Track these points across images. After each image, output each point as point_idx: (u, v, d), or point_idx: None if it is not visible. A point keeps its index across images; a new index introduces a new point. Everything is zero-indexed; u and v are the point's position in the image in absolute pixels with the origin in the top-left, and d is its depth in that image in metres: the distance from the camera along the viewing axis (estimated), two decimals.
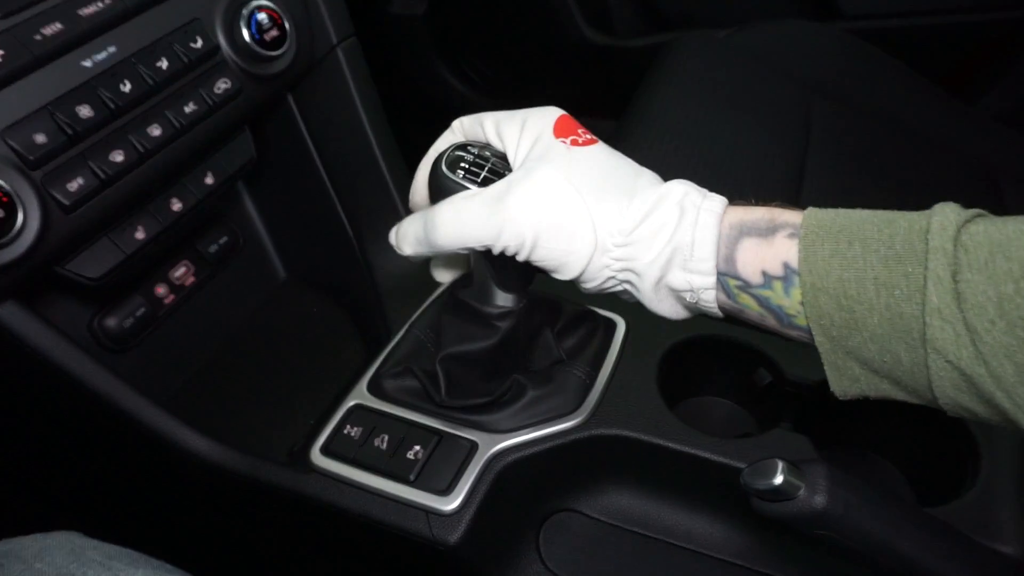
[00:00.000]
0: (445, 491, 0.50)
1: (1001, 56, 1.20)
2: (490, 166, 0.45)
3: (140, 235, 0.56)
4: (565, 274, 0.42)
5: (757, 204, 0.40)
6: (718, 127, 0.92)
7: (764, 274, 0.37)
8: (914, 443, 0.57)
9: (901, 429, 0.57)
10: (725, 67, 1.02)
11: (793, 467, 0.39)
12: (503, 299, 0.50)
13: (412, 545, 0.50)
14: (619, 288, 0.42)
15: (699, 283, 0.39)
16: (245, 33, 0.57)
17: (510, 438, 0.52)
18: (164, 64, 0.53)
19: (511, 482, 0.52)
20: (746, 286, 0.38)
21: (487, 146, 0.47)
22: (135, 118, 0.52)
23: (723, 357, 0.60)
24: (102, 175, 0.49)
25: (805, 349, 0.57)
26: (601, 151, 0.43)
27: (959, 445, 0.53)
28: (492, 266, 0.49)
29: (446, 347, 0.52)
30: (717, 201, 0.40)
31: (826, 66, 1.05)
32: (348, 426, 0.54)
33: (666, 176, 0.43)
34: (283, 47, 0.60)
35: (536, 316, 0.55)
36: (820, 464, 0.39)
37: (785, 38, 1.08)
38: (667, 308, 0.42)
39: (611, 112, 1.10)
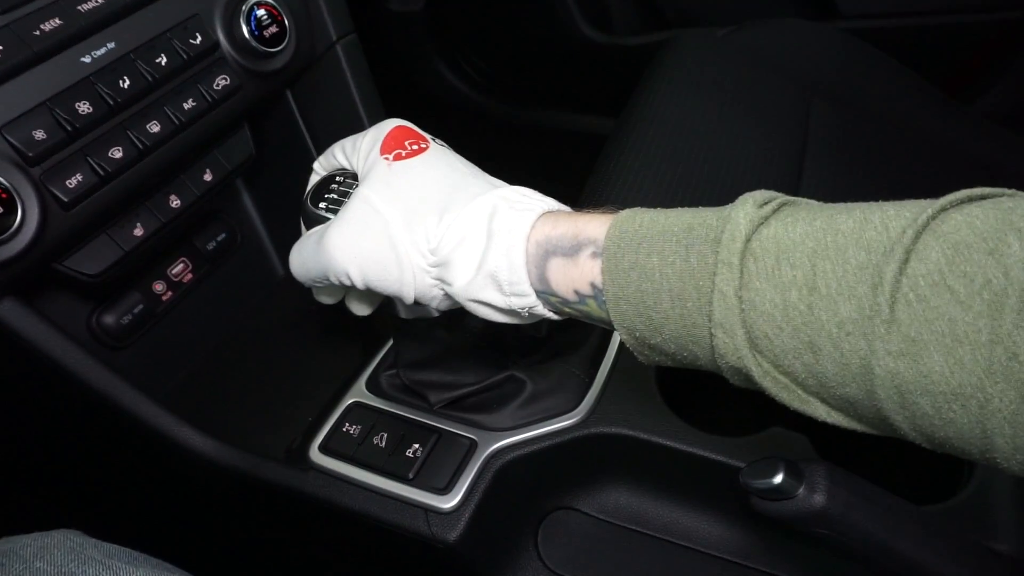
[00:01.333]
0: (444, 489, 0.50)
1: (999, 57, 1.20)
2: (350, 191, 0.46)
3: (139, 232, 0.56)
4: (405, 300, 0.42)
5: (578, 209, 0.39)
6: (716, 125, 0.92)
7: (576, 292, 0.38)
8: (910, 441, 0.57)
9: None
10: (724, 65, 1.02)
11: (792, 466, 0.39)
12: (426, 309, 0.49)
13: (411, 543, 0.50)
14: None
15: (519, 303, 0.39)
16: (244, 29, 0.57)
17: (509, 436, 0.53)
18: (163, 60, 0.53)
19: (510, 480, 0.52)
20: (564, 303, 0.39)
21: (348, 173, 0.48)
22: (134, 114, 0.52)
23: None
24: (101, 171, 0.49)
25: None
26: (425, 162, 0.43)
27: None
28: None
29: (400, 363, 0.55)
30: (527, 217, 0.39)
31: (824, 65, 1.05)
32: (347, 424, 0.54)
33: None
34: (282, 43, 0.59)
35: None
36: (819, 463, 0.40)
37: (783, 37, 1.08)
38: (502, 318, 0.41)
39: (609, 110, 1.10)
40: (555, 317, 0.41)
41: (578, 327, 0.59)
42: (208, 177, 0.61)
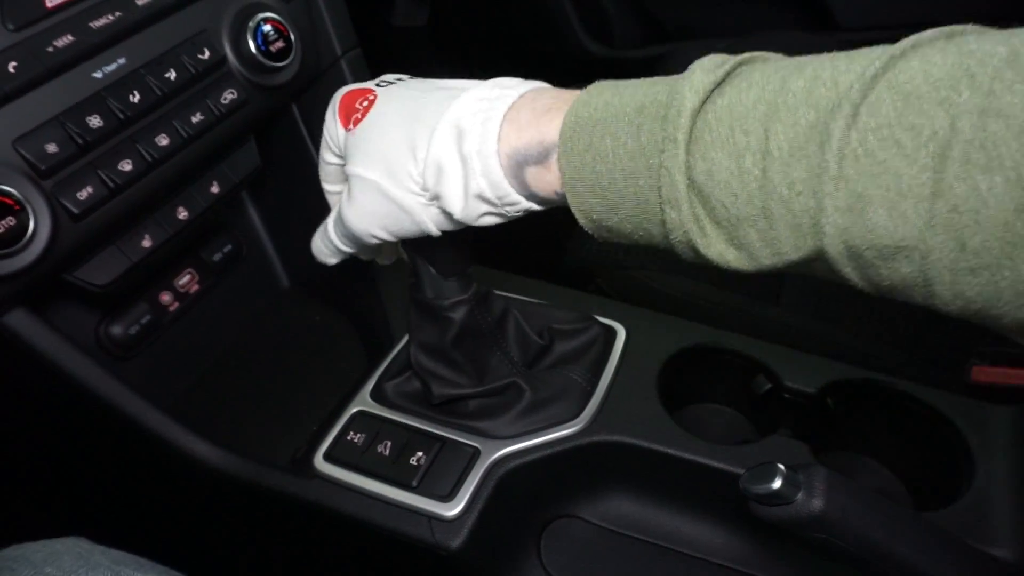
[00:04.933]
0: (447, 497, 0.50)
1: None
2: None
3: (147, 243, 0.57)
4: (433, 233, 0.44)
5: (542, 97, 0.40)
6: None
7: (557, 193, 0.39)
8: (910, 448, 0.57)
9: (897, 435, 0.58)
10: None
11: (791, 471, 0.40)
12: (447, 288, 0.52)
13: (414, 551, 0.51)
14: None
15: (515, 210, 0.41)
16: (251, 44, 0.58)
17: (511, 444, 0.53)
18: (172, 75, 0.54)
19: (513, 488, 0.53)
20: (550, 201, 0.40)
21: None
22: (143, 128, 0.53)
23: (722, 365, 0.61)
24: (111, 184, 0.50)
25: (803, 357, 0.58)
26: (377, 113, 0.44)
27: (954, 450, 0.54)
28: (417, 253, 0.50)
29: (413, 342, 0.54)
30: (491, 131, 0.39)
31: None
32: (351, 432, 0.54)
33: None
34: (288, 58, 0.60)
35: (497, 302, 0.56)
36: (818, 468, 0.40)
37: (782, 49, 1.09)
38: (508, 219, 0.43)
39: None
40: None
41: (582, 336, 0.59)
42: (215, 189, 0.62)
